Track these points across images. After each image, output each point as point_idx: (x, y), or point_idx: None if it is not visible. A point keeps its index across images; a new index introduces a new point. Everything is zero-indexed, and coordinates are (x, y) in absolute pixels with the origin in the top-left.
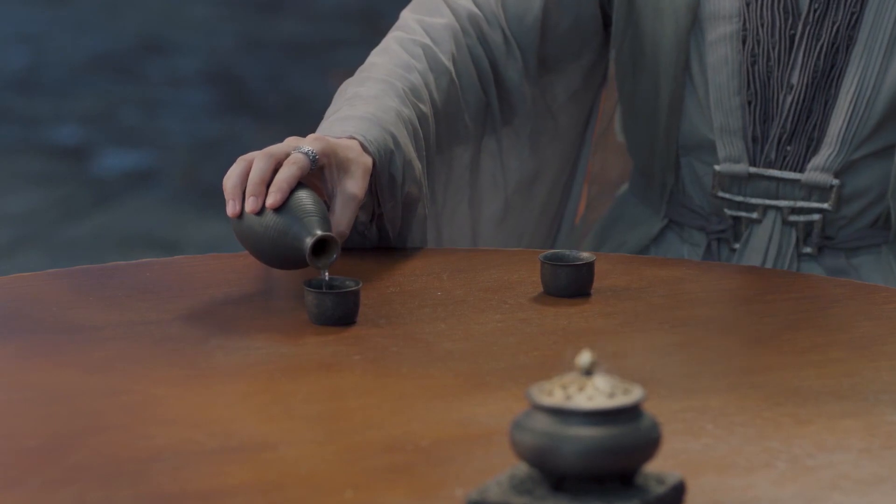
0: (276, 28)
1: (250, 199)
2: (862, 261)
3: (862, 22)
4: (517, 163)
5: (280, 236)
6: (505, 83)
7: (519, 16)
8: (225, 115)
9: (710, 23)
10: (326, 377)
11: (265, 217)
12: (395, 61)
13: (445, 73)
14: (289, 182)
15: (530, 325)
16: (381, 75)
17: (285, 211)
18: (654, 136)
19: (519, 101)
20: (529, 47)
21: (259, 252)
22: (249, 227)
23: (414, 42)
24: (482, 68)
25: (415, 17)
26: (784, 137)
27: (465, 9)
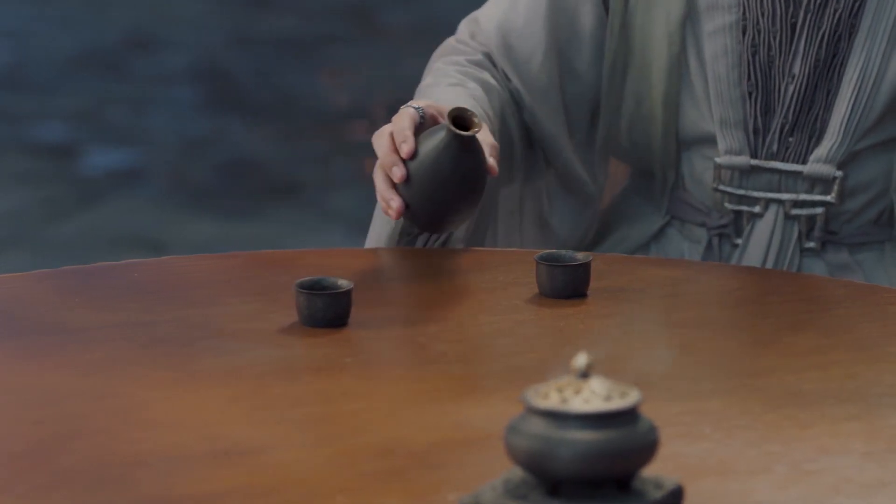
0: (266, 24)
1: (393, 169)
2: (865, 257)
3: (864, 9)
4: (559, 202)
5: (432, 156)
6: (529, 128)
7: (525, 59)
8: (213, 113)
9: (708, 13)
10: (318, 380)
11: (412, 168)
12: (447, 83)
13: (494, 90)
14: (408, 128)
15: (526, 326)
16: (445, 91)
17: (420, 148)
18: (652, 134)
19: (546, 145)
20: (546, 90)
21: (438, 193)
22: (413, 187)
23: (454, 71)
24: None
25: (442, 61)
26: (786, 128)
27: (482, 50)
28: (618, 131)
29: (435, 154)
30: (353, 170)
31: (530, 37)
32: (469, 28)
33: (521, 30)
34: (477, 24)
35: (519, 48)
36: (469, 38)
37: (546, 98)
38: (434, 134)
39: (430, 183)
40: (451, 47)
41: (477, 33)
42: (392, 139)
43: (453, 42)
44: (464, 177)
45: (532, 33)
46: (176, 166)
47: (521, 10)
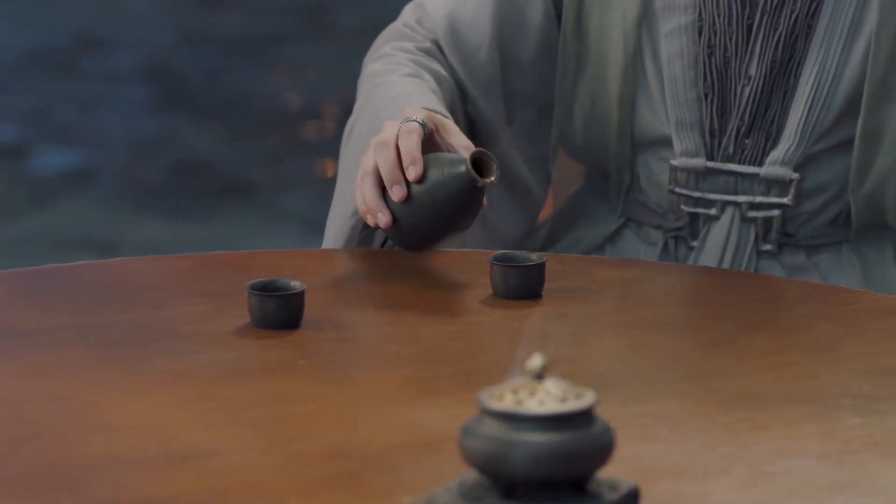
0: (217, 23)
1: (394, 188)
2: (822, 259)
3: (821, 10)
4: (501, 200)
5: (440, 188)
6: (470, 120)
7: (472, 51)
8: (164, 113)
9: (664, 14)
10: (270, 382)
11: (416, 191)
12: (402, 73)
13: (446, 82)
14: (417, 149)
15: (480, 328)
16: (404, 82)
17: (428, 173)
18: (607, 134)
19: (488, 138)
20: (489, 83)
21: (435, 223)
22: (409, 209)
23: (406, 60)
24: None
25: (390, 46)
26: (742, 130)
27: (429, 37)
28: (572, 130)
29: (445, 189)
30: (305, 170)
31: (477, 29)
32: (415, 13)
33: (469, 21)
34: (424, 10)
35: (466, 39)
36: (415, 23)
37: (489, 90)
38: (448, 166)
39: (428, 211)
40: (397, 31)
41: (424, 19)
42: (398, 153)
43: (399, 26)
44: (464, 214)
45: (479, 25)
46: (127, 166)
47: (470, 1)
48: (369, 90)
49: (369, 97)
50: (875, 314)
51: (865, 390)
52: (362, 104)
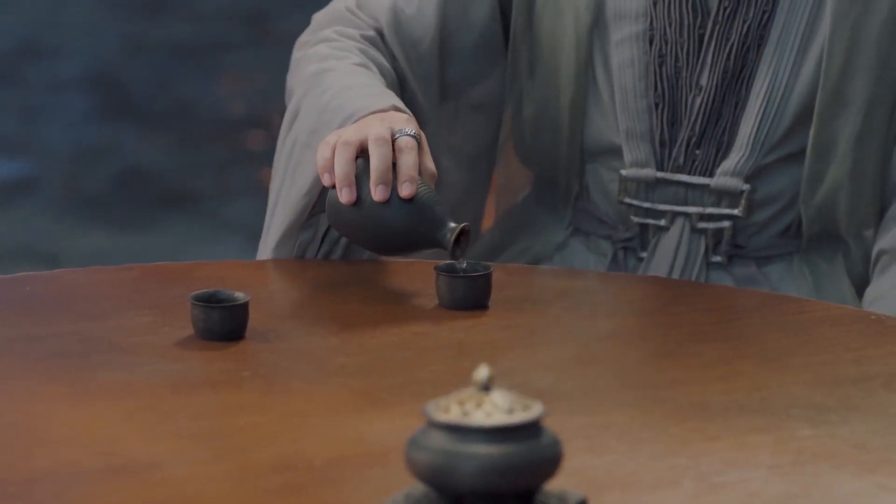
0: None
1: (379, 187)
2: (773, 270)
3: (773, 20)
4: None
5: (414, 224)
6: None
7: (414, 42)
8: (108, 122)
9: (615, 22)
10: (214, 394)
11: (392, 205)
12: (353, 61)
13: (389, 75)
14: (414, 168)
15: (426, 338)
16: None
17: (415, 200)
18: (556, 141)
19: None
20: (427, 75)
21: (378, 238)
22: (371, 215)
23: (353, 47)
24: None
25: (333, 30)
26: (693, 141)
27: (371, 24)
28: (522, 135)
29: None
30: (250, 179)
31: (422, 20)
32: (357, 1)
33: (413, 13)
34: (366, 3)
35: (410, 30)
36: (356, 8)
37: (428, 82)
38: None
39: (390, 231)
40: (340, 14)
41: (365, 6)
42: (354, 155)
43: (342, 9)
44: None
45: (424, 17)
46: (69, 176)
47: None
48: (314, 74)
49: (319, 79)
50: (826, 324)
51: (816, 400)
52: (307, 91)
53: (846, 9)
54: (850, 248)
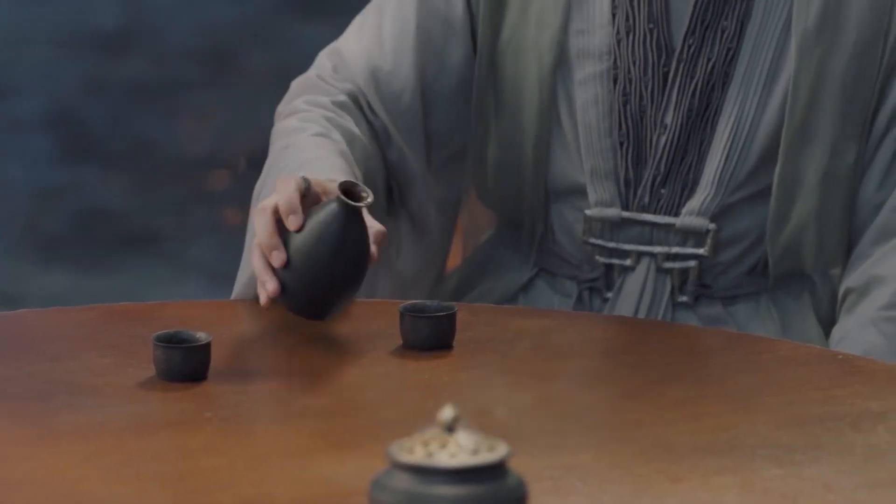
0: (121, 69)
1: (273, 254)
2: (739, 309)
3: (738, 58)
4: (410, 242)
5: (318, 230)
6: (389, 165)
7: (395, 96)
8: (68, 161)
9: (579, 61)
10: (176, 435)
11: (298, 244)
12: (311, 132)
13: (357, 140)
14: (295, 199)
15: (390, 379)
16: (311, 144)
17: (306, 224)
18: (521, 182)
19: (408, 185)
20: (412, 128)
21: (324, 272)
22: (295, 267)
23: (318, 116)
24: (375, 144)
25: (303, 100)
26: (658, 180)
27: (346, 90)
28: (485, 176)
29: (321, 227)
30: (212, 219)
31: (400, 74)
32: (332, 61)
33: (389, 68)
34: (341, 58)
35: (389, 85)
36: (332, 71)
37: (413, 133)
38: (322, 208)
39: (312, 258)
40: (313, 83)
41: (341, 67)
42: (274, 219)
43: (314, 77)
44: (348, 255)
45: (401, 70)
46: (29, 217)
47: (388, 47)
48: (279, 150)
49: (278, 159)
50: (792, 363)
51: (783, 441)
52: (271, 165)
53: (811, 45)
54: (816, 286)
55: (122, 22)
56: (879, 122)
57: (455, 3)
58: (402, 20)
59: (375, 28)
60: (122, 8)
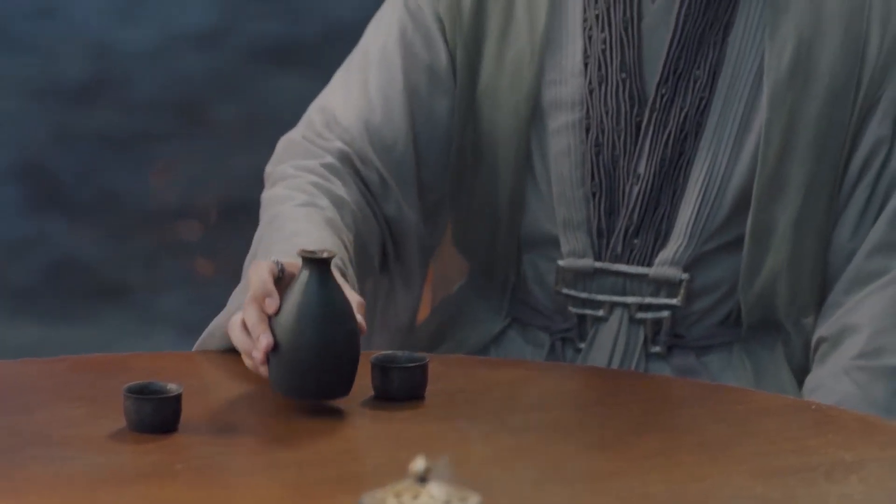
0: (89, 120)
1: (260, 339)
2: (712, 359)
3: (711, 107)
4: (403, 294)
5: (295, 302)
6: (387, 219)
7: (388, 148)
8: (37, 213)
9: (552, 111)
10: (148, 488)
11: (281, 323)
12: (298, 202)
13: (345, 205)
14: (269, 283)
15: (362, 430)
16: (297, 215)
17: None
18: (494, 231)
19: (404, 237)
20: (407, 178)
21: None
22: (281, 353)
23: (305, 183)
24: (368, 203)
25: (291, 164)
26: (631, 230)
27: (336, 148)
28: (461, 225)
29: (298, 297)
30: (182, 270)
31: (391, 124)
32: (321, 118)
33: (381, 119)
34: (331, 114)
35: (381, 136)
36: (323, 127)
37: (407, 184)
38: (294, 282)
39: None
40: (300, 145)
41: (332, 123)
42: (258, 307)
43: (300, 139)
44: (333, 317)
45: (392, 120)
46: None
47: (378, 100)
48: (267, 223)
49: (265, 232)
50: (765, 414)
51: (758, 492)
52: (260, 238)
53: (783, 93)
54: (789, 335)
55: (91, 72)
56: (852, 169)
57: (438, 53)
58: (388, 72)
59: (361, 83)
60: (91, 58)
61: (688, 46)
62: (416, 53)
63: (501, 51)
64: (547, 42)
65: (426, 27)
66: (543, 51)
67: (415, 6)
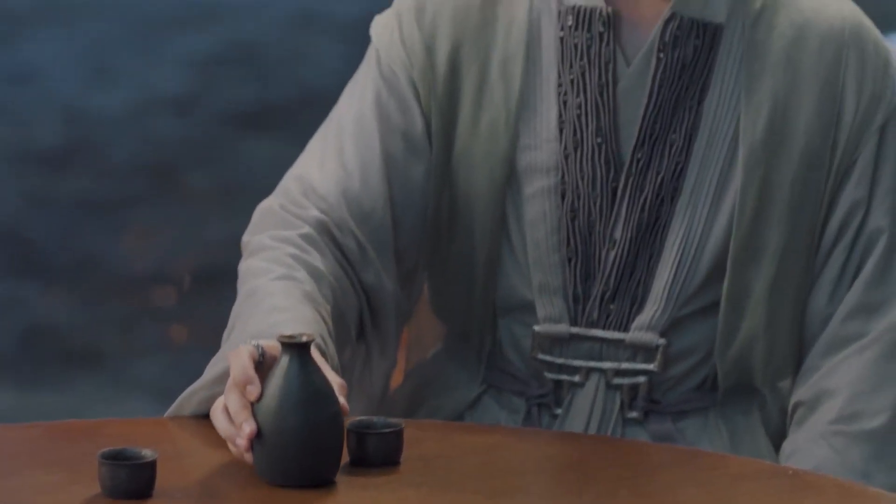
0: (65, 185)
1: (243, 426)
2: (689, 425)
3: (687, 172)
4: (380, 361)
5: (275, 384)
6: (365, 287)
7: (366, 215)
8: (11, 277)
9: (527, 176)
10: None
11: (263, 408)
12: (275, 275)
13: (323, 277)
14: (249, 370)
15: (337, 496)
16: (275, 289)
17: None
18: (470, 297)
19: (381, 304)
20: (385, 244)
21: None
22: (265, 440)
23: (283, 255)
24: (346, 272)
25: (269, 235)
26: (607, 295)
27: (314, 217)
28: (437, 290)
29: (279, 382)
30: (157, 336)
31: (369, 192)
32: (298, 186)
33: (358, 186)
34: (308, 182)
35: (359, 204)
36: (301, 196)
37: (385, 250)
38: (275, 366)
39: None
40: (277, 215)
41: (309, 192)
42: (241, 393)
43: (278, 208)
44: (315, 400)
45: (370, 188)
46: None
47: (355, 167)
48: (245, 297)
49: (243, 307)
50: (742, 479)
51: None
52: (237, 314)
53: (758, 157)
54: (765, 400)
55: (66, 137)
56: (829, 232)
57: (414, 118)
58: (364, 139)
59: (337, 150)
60: (66, 124)
61: (663, 111)
62: (392, 119)
63: (476, 115)
64: (522, 107)
65: (401, 92)
66: (518, 116)
67: (389, 71)
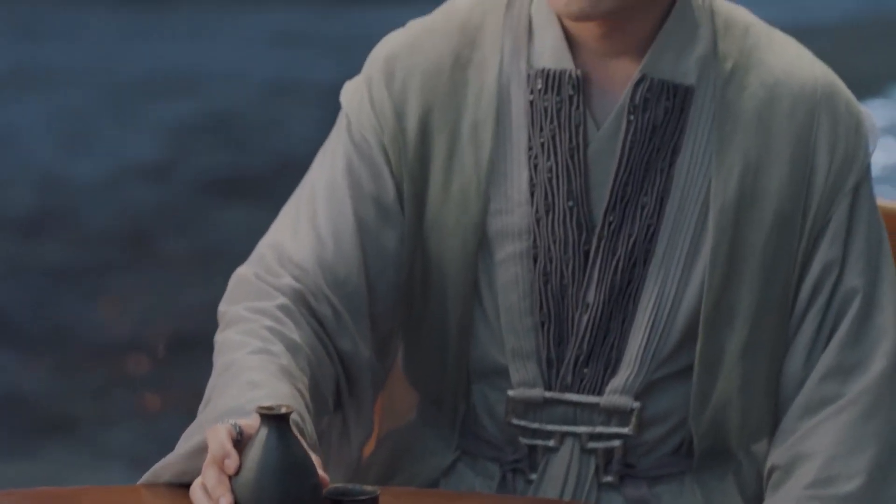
0: (38, 252)
1: (220, 501)
2: (664, 490)
3: (659, 234)
4: (356, 429)
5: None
6: (341, 355)
7: (340, 282)
8: None
9: (499, 241)
10: None
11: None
12: (252, 349)
13: (300, 349)
14: (227, 445)
15: None
16: (252, 363)
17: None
18: (444, 362)
19: (358, 371)
20: (360, 311)
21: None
22: None
23: (259, 328)
24: (322, 341)
25: (244, 307)
26: (581, 359)
27: (289, 286)
28: (411, 357)
29: (257, 455)
30: (131, 404)
31: (343, 260)
32: (272, 254)
33: (332, 254)
34: (282, 251)
35: (334, 272)
36: (276, 264)
37: (360, 317)
38: (252, 440)
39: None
40: (252, 285)
41: (284, 260)
42: (219, 469)
43: (252, 277)
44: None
45: (344, 256)
46: None
47: (328, 236)
48: (221, 370)
49: (219, 381)
50: None
51: None
52: (213, 387)
53: (729, 219)
54: (741, 464)
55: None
56: (803, 294)
57: (385, 184)
58: (337, 206)
59: (310, 218)
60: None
61: (635, 173)
62: (363, 186)
63: (447, 181)
64: (492, 171)
65: (371, 158)
66: (489, 180)
67: (360, 137)
